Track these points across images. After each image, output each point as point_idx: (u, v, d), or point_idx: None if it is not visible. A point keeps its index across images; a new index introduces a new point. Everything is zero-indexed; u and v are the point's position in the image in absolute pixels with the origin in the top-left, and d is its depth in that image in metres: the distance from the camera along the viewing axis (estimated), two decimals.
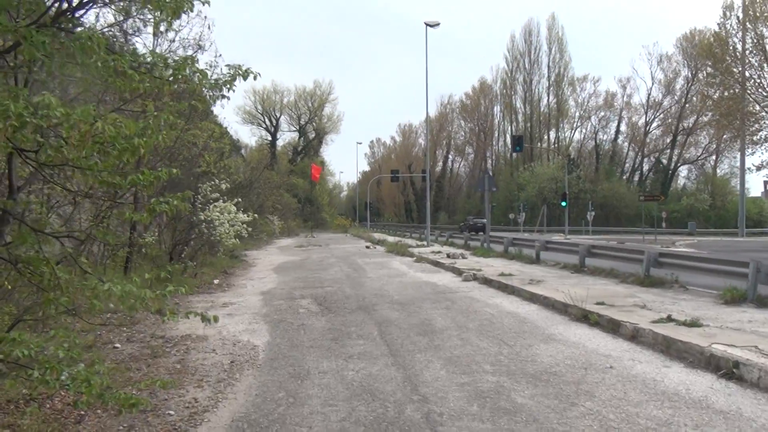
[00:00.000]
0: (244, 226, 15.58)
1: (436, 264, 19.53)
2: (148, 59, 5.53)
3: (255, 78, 5.61)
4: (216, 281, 15.44)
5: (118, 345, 7.93)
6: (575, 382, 5.81)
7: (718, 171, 71.88)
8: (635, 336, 7.54)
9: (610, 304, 9.51)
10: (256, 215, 16.90)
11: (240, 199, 16.87)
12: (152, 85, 5.20)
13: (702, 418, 4.78)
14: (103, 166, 4.16)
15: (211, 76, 5.59)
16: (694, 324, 7.54)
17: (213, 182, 15.16)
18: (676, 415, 4.85)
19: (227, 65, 5.60)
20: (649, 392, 5.47)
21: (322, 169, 64.60)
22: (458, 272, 16.40)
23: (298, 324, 9.39)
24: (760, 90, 35.20)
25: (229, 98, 5.66)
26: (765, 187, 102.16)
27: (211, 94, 5.67)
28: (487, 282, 14.08)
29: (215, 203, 15.00)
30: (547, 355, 6.98)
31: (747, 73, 34.78)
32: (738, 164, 65.34)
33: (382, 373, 6.34)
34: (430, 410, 5.10)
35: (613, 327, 8.16)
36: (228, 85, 5.61)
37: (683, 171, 75.01)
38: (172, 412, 5.17)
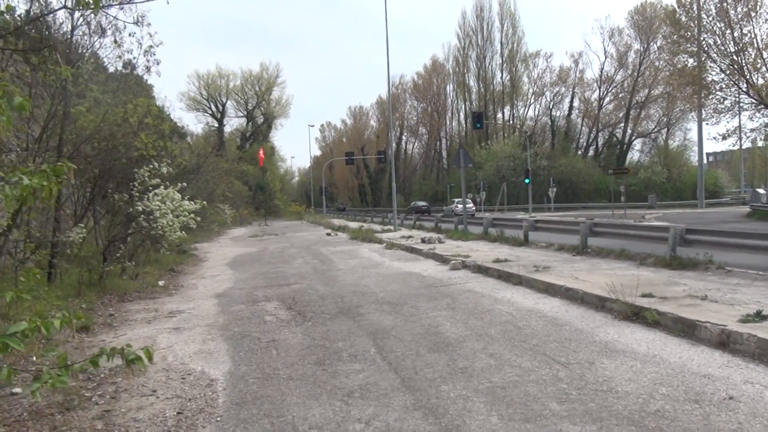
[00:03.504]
0: (192, 215, 13.16)
1: (412, 250, 17.48)
2: None
3: None
4: (161, 282, 13.09)
5: (18, 389, 5.65)
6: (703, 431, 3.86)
7: (670, 143, 72.05)
8: (726, 343, 5.65)
9: (660, 296, 7.61)
10: (204, 203, 14.44)
11: (185, 184, 14.41)
12: None
13: None
14: None
15: None
16: None
17: (151, 165, 12.64)
18: None
19: None
20: None
21: (265, 152, 61.66)
22: (442, 259, 14.39)
23: (267, 340, 7.24)
24: (724, 58, 34.30)
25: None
26: (707, 159, 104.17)
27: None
28: (482, 270, 12.09)
29: (155, 190, 12.52)
30: (624, 378, 5.01)
31: (711, 41, 33.87)
32: (691, 136, 65.79)
33: (406, 425, 4.27)
34: None
35: (684, 329, 6.26)
36: None
37: (637, 144, 75.19)
38: None
